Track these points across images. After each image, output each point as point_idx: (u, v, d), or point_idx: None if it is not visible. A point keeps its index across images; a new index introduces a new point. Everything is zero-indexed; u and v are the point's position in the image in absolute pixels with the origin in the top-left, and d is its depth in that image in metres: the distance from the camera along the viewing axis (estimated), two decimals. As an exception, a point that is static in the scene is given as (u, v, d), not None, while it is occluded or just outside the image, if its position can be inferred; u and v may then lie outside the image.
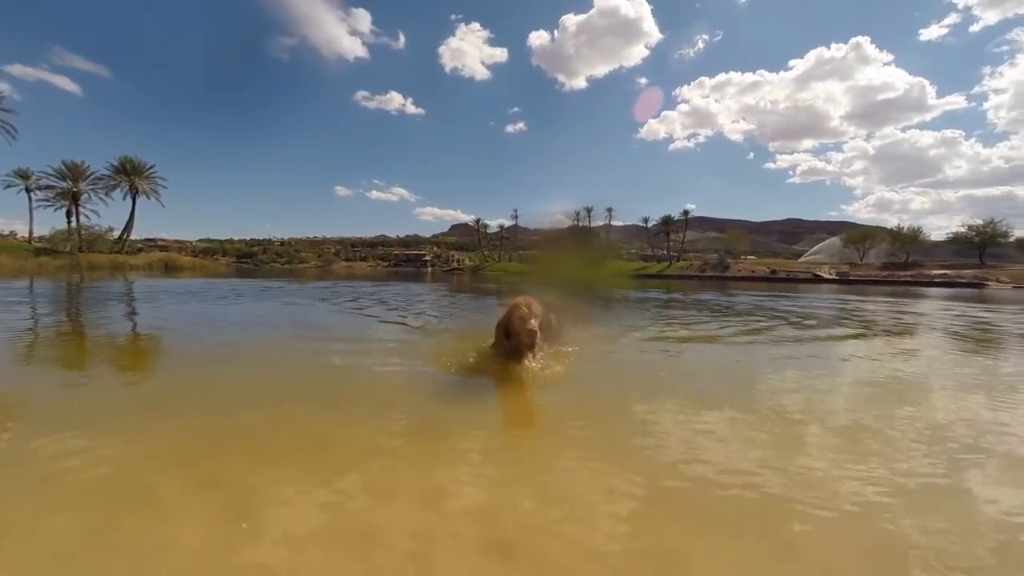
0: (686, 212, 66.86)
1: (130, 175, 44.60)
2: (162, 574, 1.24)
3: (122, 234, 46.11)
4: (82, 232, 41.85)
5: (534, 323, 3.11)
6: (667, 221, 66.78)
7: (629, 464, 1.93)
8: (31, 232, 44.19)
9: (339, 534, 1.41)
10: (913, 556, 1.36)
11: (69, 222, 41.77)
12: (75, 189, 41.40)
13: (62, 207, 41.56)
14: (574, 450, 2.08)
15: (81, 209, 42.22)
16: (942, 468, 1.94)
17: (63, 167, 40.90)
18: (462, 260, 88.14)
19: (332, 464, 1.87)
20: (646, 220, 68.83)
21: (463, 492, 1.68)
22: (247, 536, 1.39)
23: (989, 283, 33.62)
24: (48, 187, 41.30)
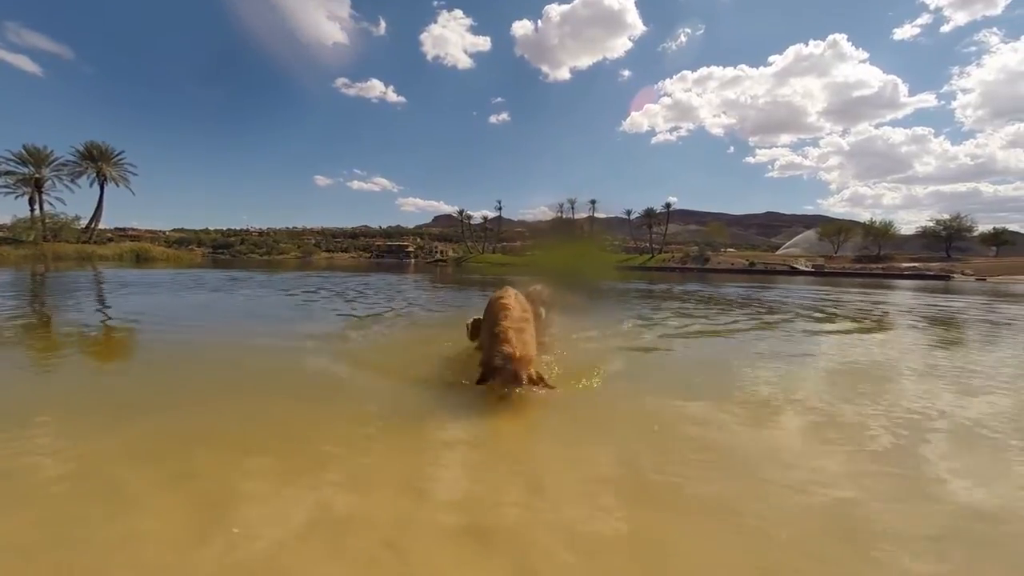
0: (668, 205, 67.59)
1: (97, 161, 42.74)
2: (132, 568, 1.21)
3: (90, 223, 44.25)
4: (46, 221, 39.99)
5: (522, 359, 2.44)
6: (649, 214, 67.44)
7: (611, 453, 1.95)
8: (-9, 220, 42.06)
9: (314, 524, 1.39)
10: (881, 535, 1.41)
11: (32, 210, 39.88)
12: (37, 175, 39.47)
13: (24, 194, 39.59)
14: (556, 440, 2.10)
15: (45, 196, 40.31)
16: (910, 450, 2.02)
17: (24, 152, 38.92)
18: (445, 251, 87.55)
19: (306, 456, 1.85)
20: (629, 212, 69.32)
21: (442, 482, 1.67)
22: (221, 528, 1.36)
23: (954, 275, 35.04)
24: (8, 173, 39.25)
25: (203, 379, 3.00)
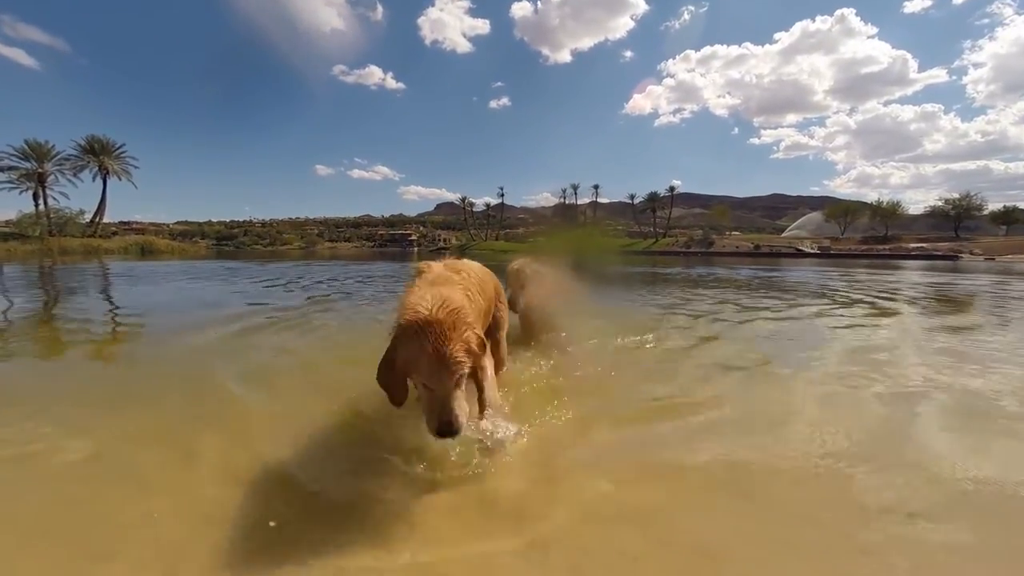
0: (672, 188, 66.90)
1: (99, 155, 42.72)
2: (149, 544, 1.23)
3: (94, 217, 44.39)
4: (51, 215, 40.12)
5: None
6: (653, 198, 66.85)
7: (622, 433, 1.95)
8: (-4, 216, 42.29)
9: (323, 500, 1.41)
10: (874, 501, 1.41)
11: (37, 205, 39.98)
12: (40, 170, 39.50)
13: (28, 189, 39.69)
14: (567, 421, 2.08)
15: (49, 191, 40.39)
16: (909, 424, 2.01)
17: (26, 147, 38.90)
18: (448, 239, 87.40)
19: (309, 438, 1.85)
20: (632, 197, 68.82)
21: (451, 461, 1.68)
22: (234, 506, 1.37)
23: (963, 255, 34.64)
24: (11, 168, 39.30)
25: (201, 369, 3.00)
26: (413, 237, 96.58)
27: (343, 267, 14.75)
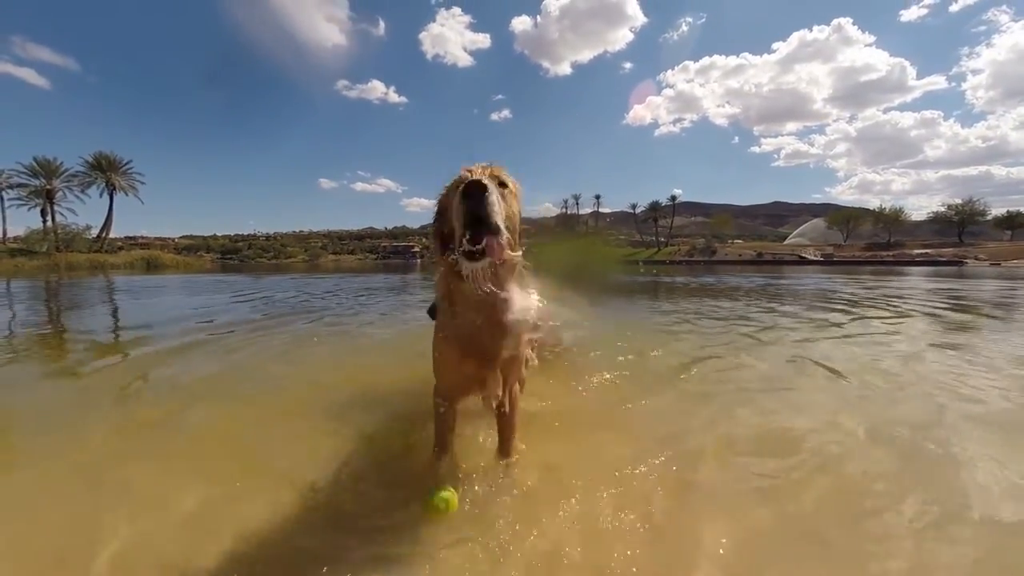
0: (673, 198, 67.25)
1: (106, 171, 43.40)
2: (156, 545, 1.21)
3: (101, 232, 44.93)
4: (59, 231, 40.60)
5: None
6: (655, 207, 67.09)
7: (637, 444, 1.91)
8: (4, 232, 42.91)
9: (331, 508, 1.38)
10: (878, 502, 1.37)
11: (44, 221, 40.53)
12: (48, 187, 40.12)
13: (36, 206, 40.29)
14: (583, 431, 2.03)
15: (56, 207, 40.98)
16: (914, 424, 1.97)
17: (35, 164, 39.57)
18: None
19: (321, 444, 1.82)
20: (634, 206, 69.08)
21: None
22: (243, 506, 1.34)
23: (968, 261, 34.46)
24: (20, 185, 39.98)
25: (213, 384, 2.98)
26: (416, 249, 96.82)
27: (339, 280, 14.77)
